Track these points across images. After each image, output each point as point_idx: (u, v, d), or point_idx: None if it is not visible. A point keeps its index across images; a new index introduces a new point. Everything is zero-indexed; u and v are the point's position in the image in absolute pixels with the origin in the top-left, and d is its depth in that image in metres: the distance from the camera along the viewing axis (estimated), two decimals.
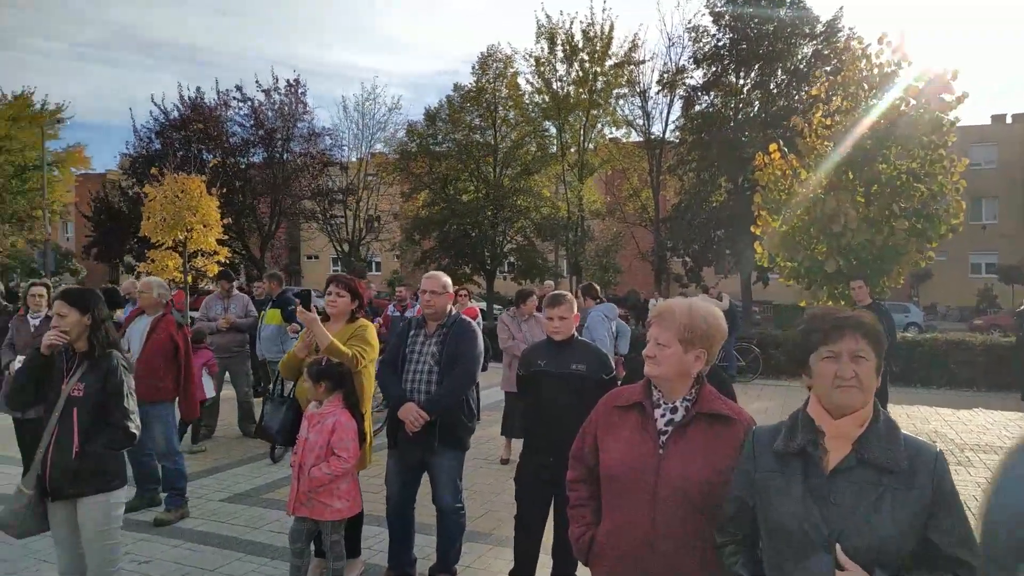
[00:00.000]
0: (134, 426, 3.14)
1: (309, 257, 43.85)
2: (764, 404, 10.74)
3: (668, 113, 26.75)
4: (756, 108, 24.28)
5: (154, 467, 5.64)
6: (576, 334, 4.00)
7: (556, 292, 4.01)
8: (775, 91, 23.88)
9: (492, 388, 9.78)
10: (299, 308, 3.97)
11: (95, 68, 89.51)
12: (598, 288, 8.20)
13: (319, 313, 4.10)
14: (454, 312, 4.11)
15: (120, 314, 8.50)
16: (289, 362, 4.10)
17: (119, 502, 3.22)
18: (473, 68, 26.85)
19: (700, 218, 24.29)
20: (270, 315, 7.85)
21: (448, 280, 4.07)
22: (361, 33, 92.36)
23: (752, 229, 11.74)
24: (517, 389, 4.18)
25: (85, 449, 3.03)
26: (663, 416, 2.19)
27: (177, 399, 5.60)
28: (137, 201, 17.74)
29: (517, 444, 7.34)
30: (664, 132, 26.77)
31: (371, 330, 4.17)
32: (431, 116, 27.39)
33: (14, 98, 39.00)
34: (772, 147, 11.46)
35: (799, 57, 23.44)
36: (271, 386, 4.47)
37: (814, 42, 23.31)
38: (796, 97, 23.17)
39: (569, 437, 3.07)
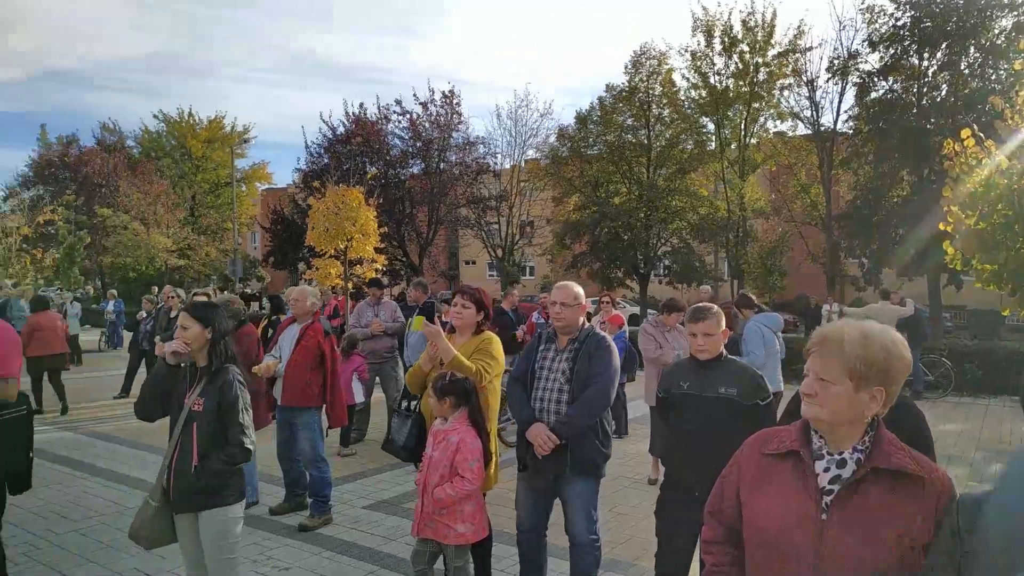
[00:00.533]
0: (249, 441, 3.12)
1: (467, 263, 45.15)
2: (957, 426, 9.44)
3: (839, 102, 24.61)
4: (944, 91, 21.70)
5: (302, 472, 5.79)
6: (725, 352, 3.53)
7: (699, 305, 3.56)
8: (967, 71, 21.22)
9: (640, 399, 9.30)
10: (423, 321, 3.83)
11: (277, 91, 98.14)
12: (753, 297, 7.52)
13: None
14: (587, 326, 3.77)
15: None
16: (414, 375, 3.97)
17: (237, 516, 3.21)
18: (626, 67, 26.31)
19: (879, 215, 22.11)
20: (416, 322, 7.92)
21: (580, 291, 3.75)
22: (515, 42, 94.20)
23: (941, 226, 10.37)
24: (657, 411, 3.78)
25: (203, 464, 3.04)
26: (827, 470, 1.74)
27: (325, 407, 5.72)
28: (306, 212, 19.02)
29: None
30: (835, 123, 24.69)
31: (496, 344, 3.95)
32: (582, 119, 27.15)
33: (209, 122, 43.63)
34: (964, 133, 10.01)
35: (996, 31, 20.67)
36: (399, 399, 4.37)
37: (1015, 13, 20.45)
38: (993, 76, 20.45)
39: (715, 472, 2.74)
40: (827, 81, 24.57)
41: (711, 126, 26.54)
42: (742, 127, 26.12)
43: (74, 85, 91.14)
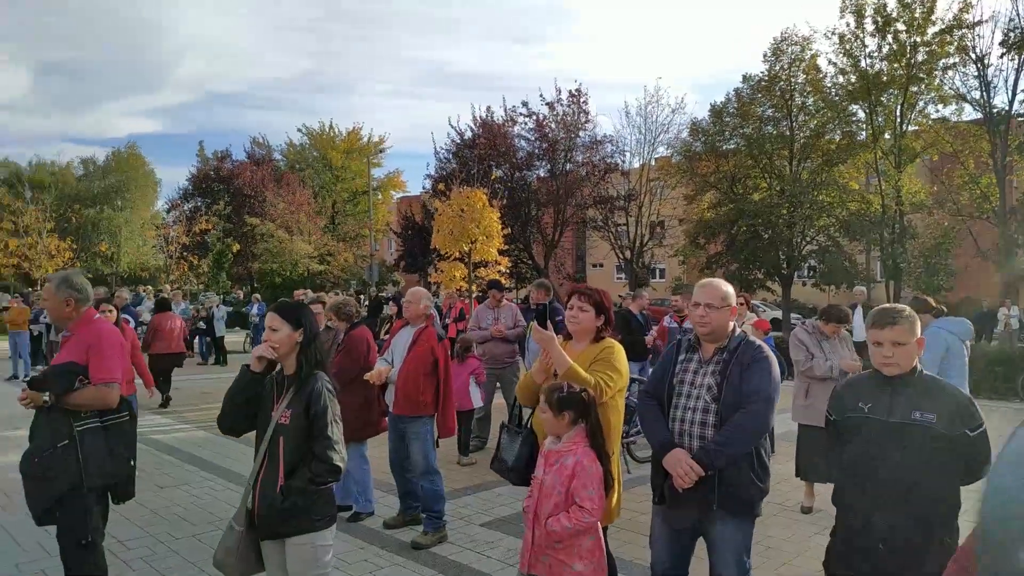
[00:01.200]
0: (339, 458, 2.72)
1: (594, 265, 44.41)
2: None
3: (1016, 80, 21.79)
4: None
5: (415, 483, 5.44)
6: (919, 367, 2.76)
7: (887, 306, 2.80)
8: None
9: (787, 413, 8.33)
10: (534, 326, 3.31)
11: (411, 103, 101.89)
12: (929, 299, 6.44)
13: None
14: (739, 332, 3.11)
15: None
16: (525, 387, 3.45)
17: (326, 544, 2.83)
18: (764, 55, 24.72)
19: None
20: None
21: (730, 290, 3.09)
22: (642, 40, 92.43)
23: None
24: (827, 439, 3.05)
25: (289, 484, 2.67)
26: None
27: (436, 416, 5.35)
28: (433, 217, 19.19)
29: (823, 489, 5.98)
30: (1011, 104, 21.83)
31: (619, 353, 3.36)
32: (717, 112, 25.77)
33: (348, 134, 45.63)
34: None
35: None
36: (509, 411, 3.86)
37: None
38: None
39: (911, 521, 2.31)
40: (1000, 57, 21.84)
41: (861, 114, 24.37)
42: (897, 113, 23.75)
43: (231, 106, 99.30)
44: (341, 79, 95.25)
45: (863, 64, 23.46)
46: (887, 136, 24.01)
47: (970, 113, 23.50)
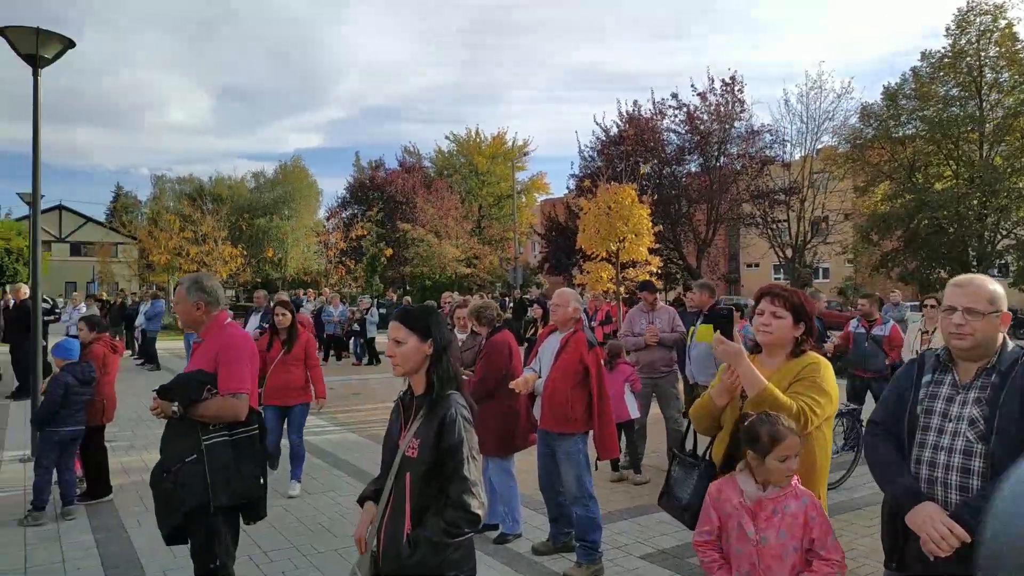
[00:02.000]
0: (477, 503, 2.21)
1: (749, 265, 42.02)
2: None
3: None
4: None
5: (567, 507, 4.90)
6: None
7: None
8: None
9: None
10: (717, 336, 2.62)
11: (555, 106, 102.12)
12: None
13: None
14: (1014, 347, 2.27)
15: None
16: (703, 409, 2.77)
17: None
18: (947, 29, 22.12)
19: None
20: (700, 331, 6.68)
21: (999, 291, 2.26)
22: (803, 28, 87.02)
23: None
24: None
25: (417, 534, 2.19)
26: None
27: (592, 434, 4.77)
28: (578, 217, 18.61)
29: None
30: None
31: (827, 372, 2.61)
32: (891, 95, 23.33)
33: (492, 139, 46.29)
34: None
35: None
36: (682, 437, 3.19)
37: None
38: None
39: None
40: None
41: None
42: None
43: (385, 119, 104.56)
44: (487, 88, 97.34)
45: None
46: None
47: None
